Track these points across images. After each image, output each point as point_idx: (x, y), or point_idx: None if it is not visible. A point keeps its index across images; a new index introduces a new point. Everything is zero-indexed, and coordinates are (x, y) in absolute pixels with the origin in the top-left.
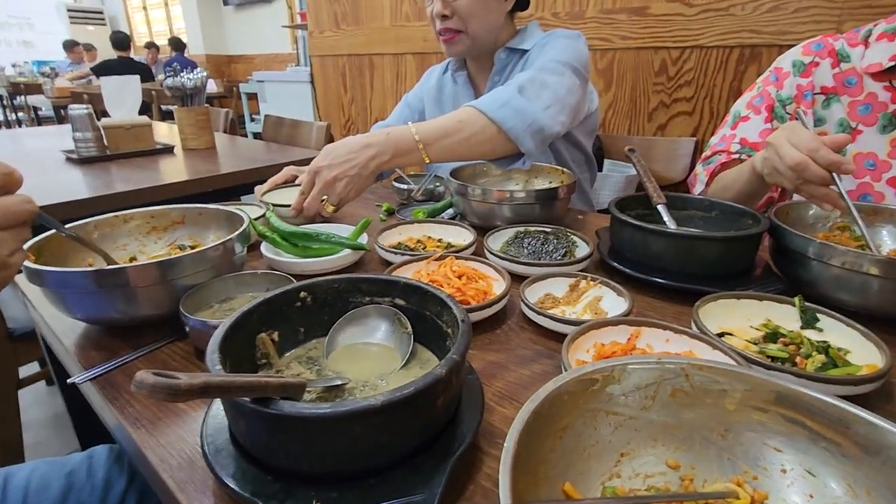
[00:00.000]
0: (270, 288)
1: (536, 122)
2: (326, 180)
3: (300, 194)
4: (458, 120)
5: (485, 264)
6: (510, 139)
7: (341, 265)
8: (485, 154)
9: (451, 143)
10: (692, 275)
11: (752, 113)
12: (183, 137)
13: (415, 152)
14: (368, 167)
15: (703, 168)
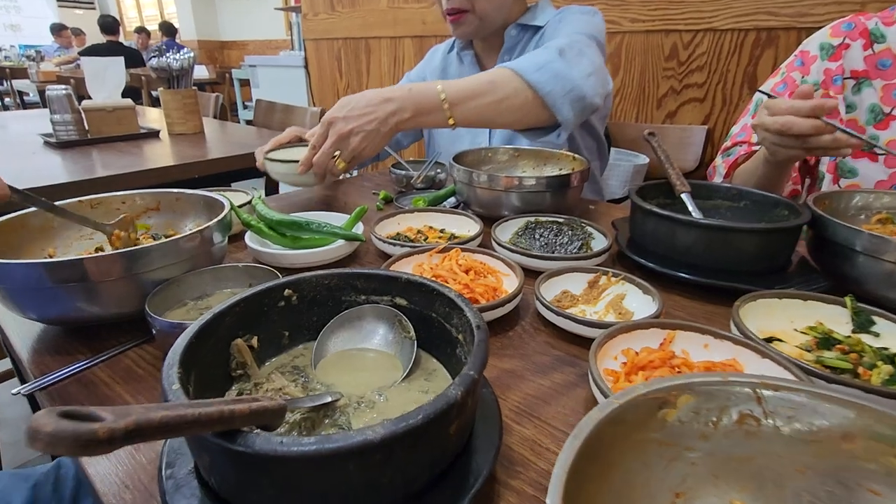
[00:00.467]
0: (253, 283)
1: (577, 88)
2: (341, 133)
3: (311, 148)
4: (490, 80)
5: (493, 257)
6: (546, 106)
7: (334, 258)
8: (516, 121)
9: (479, 106)
10: (724, 271)
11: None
12: (169, 121)
13: (438, 112)
14: (387, 123)
15: (722, 160)
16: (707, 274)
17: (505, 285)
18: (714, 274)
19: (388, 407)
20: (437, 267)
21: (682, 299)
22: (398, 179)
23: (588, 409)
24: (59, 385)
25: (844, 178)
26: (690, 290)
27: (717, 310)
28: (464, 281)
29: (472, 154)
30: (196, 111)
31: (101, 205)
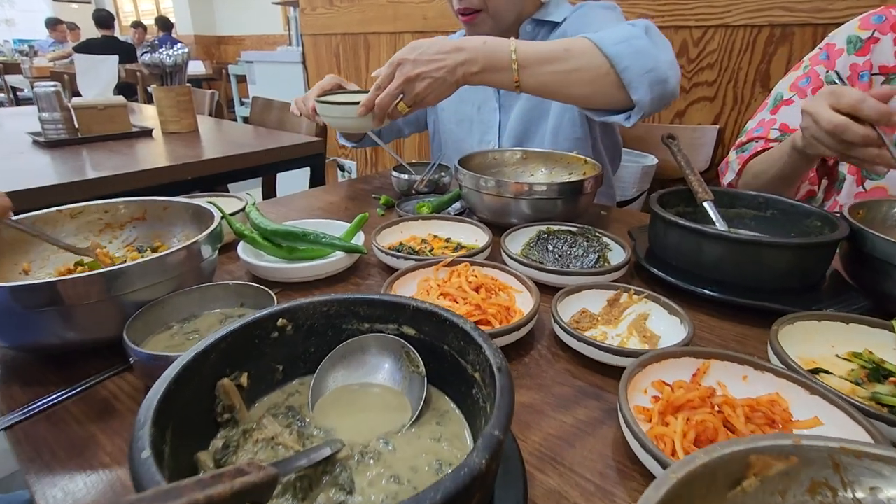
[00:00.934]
0: (245, 303)
1: (660, 69)
2: (409, 76)
3: (375, 88)
4: (566, 48)
5: (504, 272)
6: (621, 83)
7: (333, 271)
8: (584, 96)
9: (549, 72)
10: (753, 288)
11: (797, 96)
12: (162, 119)
13: (506, 72)
14: (455, 73)
15: (736, 156)
16: (736, 291)
17: (518, 303)
18: (743, 292)
19: (395, 459)
20: (445, 284)
21: (709, 319)
22: (400, 183)
23: (618, 452)
24: (26, 423)
25: (870, 180)
26: (717, 308)
27: (748, 331)
28: (475, 301)
29: (479, 157)
30: (190, 109)
31: (82, 214)
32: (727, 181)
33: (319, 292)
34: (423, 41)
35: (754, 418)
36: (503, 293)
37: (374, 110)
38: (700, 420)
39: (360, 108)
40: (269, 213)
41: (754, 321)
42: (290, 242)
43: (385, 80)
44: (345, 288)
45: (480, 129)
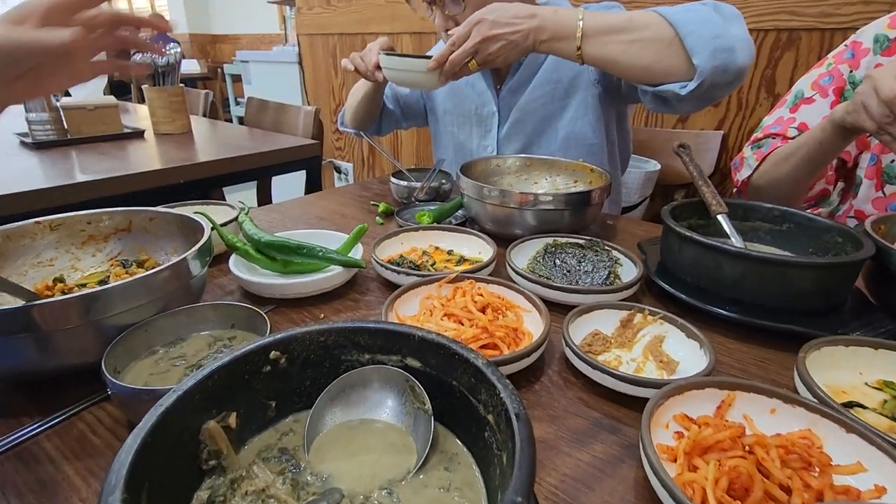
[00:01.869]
0: (236, 324)
1: (727, 38)
2: (486, 35)
3: (449, 44)
4: (630, 18)
5: (511, 289)
6: (685, 51)
7: (330, 286)
8: (644, 66)
9: (612, 42)
10: (773, 309)
11: (818, 94)
12: (155, 120)
13: (570, 41)
14: (528, 39)
15: (752, 152)
16: (756, 312)
17: (526, 323)
18: (764, 312)
19: None
20: (450, 303)
21: (726, 340)
22: (399, 190)
23: (641, 496)
24: None
25: (890, 185)
26: (733, 328)
27: (769, 354)
28: (481, 323)
29: (481, 164)
30: (183, 109)
31: (63, 226)
32: (742, 177)
33: (316, 309)
34: (500, 3)
35: (789, 461)
36: (510, 312)
37: (446, 66)
38: (733, 466)
39: (431, 62)
40: (263, 222)
41: (775, 343)
42: (284, 256)
43: (461, 37)
44: (342, 304)
45: (479, 132)
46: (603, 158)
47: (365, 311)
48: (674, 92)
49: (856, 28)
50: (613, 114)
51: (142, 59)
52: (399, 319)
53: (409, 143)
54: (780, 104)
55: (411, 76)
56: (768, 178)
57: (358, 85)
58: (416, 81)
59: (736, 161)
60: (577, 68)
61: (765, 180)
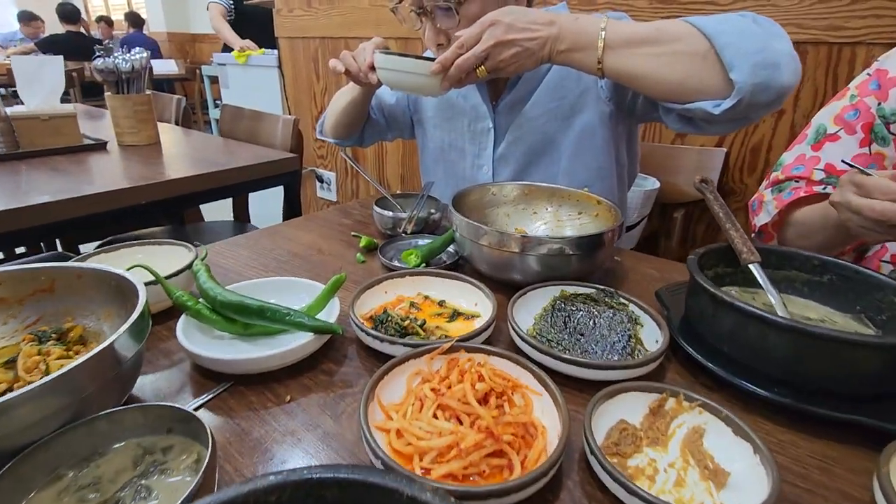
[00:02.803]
0: (172, 430)
1: (769, 52)
2: (501, 39)
3: (457, 46)
4: (657, 28)
5: (516, 364)
6: (721, 66)
7: (298, 357)
8: (676, 82)
9: (639, 55)
10: (831, 392)
11: (844, 131)
12: (118, 131)
13: (590, 51)
14: (545, 48)
15: (772, 196)
16: (811, 396)
17: (536, 410)
18: (820, 396)
19: None
20: (443, 386)
21: (775, 429)
22: (384, 221)
23: None
24: None
25: None
26: (780, 410)
27: (832, 451)
28: (485, 422)
29: (475, 193)
30: (150, 119)
31: None
32: (760, 222)
33: (281, 386)
34: (515, 7)
35: None
36: (517, 394)
37: (451, 70)
38: None
39: (435, 64)
40: (227, 262)
41: (837, 434)
42: (245, 319)
43: (472, 39)
44: (313, 379)
45: (473, 150)
46: (612, 183)
47: (341, 389)
48: (705, 111)
49: (865, 43)
50: (624, 134)
51: (103, 64)
52: (382, 410)
53: (395, 153)
54: (799, 140)
55: (410, 79)
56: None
57: (343, 90)
58: (414, 85)
59: (754, 202)
60: (584, 84)
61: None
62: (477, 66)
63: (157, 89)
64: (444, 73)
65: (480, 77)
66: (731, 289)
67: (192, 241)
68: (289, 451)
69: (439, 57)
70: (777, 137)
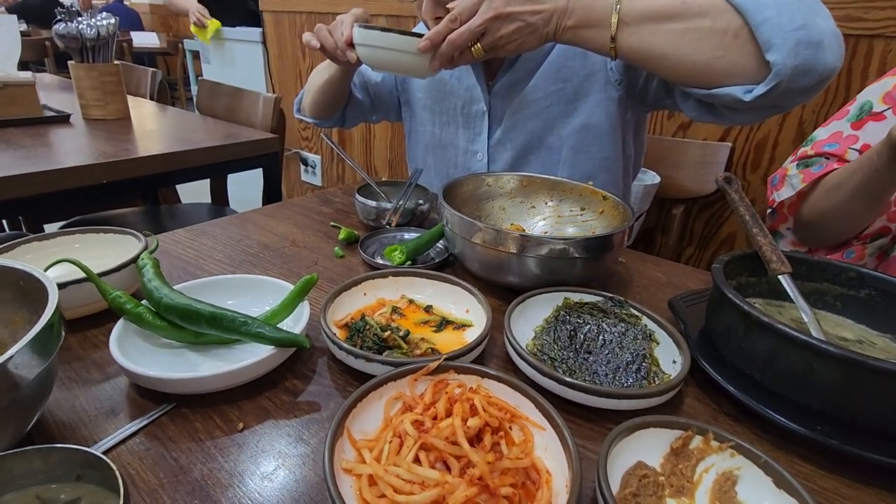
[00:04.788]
0: (84, 476)
1: (812, 28)
2: (500, 12)
3: (450, 20)
4: (682, 1)
5: (516, 389)
6: (756, 44)
7: (256, 375)
8: (702, 63)
9: (659, 32)
10: (880, 432)
11: (892, 111)
12: (83, 103)
13: (602, 28)
14: (550, 23)
15: (797, 171)
16: (861, 436)
17: (538, 448)
18: (871, 437)
19: None
20: (431, 431)
21: (814, 472)
22: (366, 211)
23: None
24: None
25: None
26: (817, 450)
27: (880, 502)
28: (478, 470)
29: (469, 183)
30: (119, 92)
31: None
32: (780, 197)
33: (233, 409)
34: None
35: None
36: (516, 426)
37: (442, 47)
38: None
39: (423, 41)
40: (186, 251)
41: (890, 484)
42: (194, 326)
43: (467, 11)
44: (273, 400)
45: (466, 135)
46: (617, 174)
47: (306, 413)
48: (735, 98)
49: (885, 36)
50: (632, 122)
51: (65, 29)
52: (353, 447)
53: (383, 136)
54: (839, 115)
55: (394, 57)
56: (818, 210)
57: (322, 65)
58: (400, 65)
59: (775, 177)
60: (591, 66)
61: (814, 213)
62: (472, 42)
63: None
64: (433, 50)
65: (476, 56)
66: (755, 300)
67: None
68: (235, 497)
69: (429, 32)
70: (784, 133)
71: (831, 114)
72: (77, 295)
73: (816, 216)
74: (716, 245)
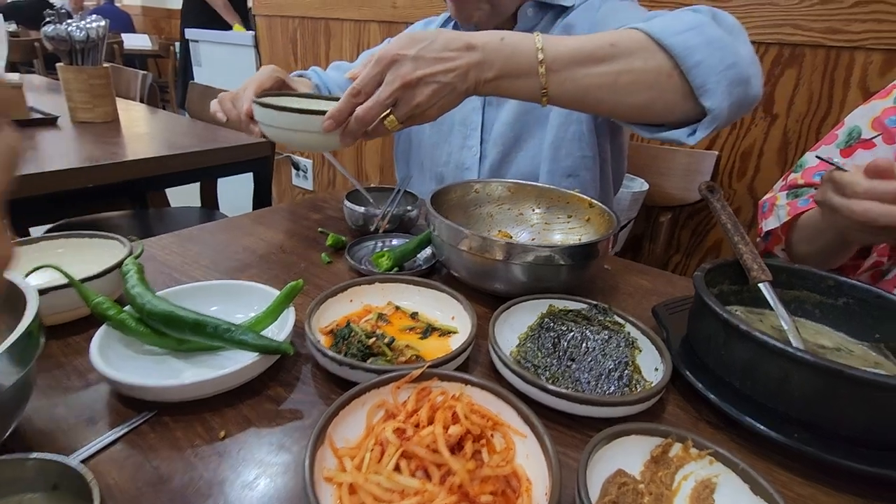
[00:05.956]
0: (59, 485)
1: (742, 66)
2: (408, 79)
3: (351, 94)
4: (611, 42)
5: (498, 396)
6: (689, 87)
7: (241, 382)
8: (639, 106)
9: (591, 77)
10: (857, 440)
11: (882, 138)
12: (72, 106)
13: (530, 78)
14: (467, 79)
15: (786, 200)
16: (839, 445)
17: (520, 456)
18: (849, 445)
19: None
20: (412, 439)
21: (791, 479)
22: (354, 217)
23: None
24: None
25: None
26: (794, 457)
27: None
28: (458, 478)
29: (457, 190)
30: (108, 95)
31: None
32: (768, 227)
33: (215, 416)
34: (422, 32)
35: None
36: (498, 433)
37: (350, 125)
38: None
39: (325, 120)
40: (172, 257)
41: (866, 491)
42: (177, 333)
43: (370, 82)
44: (256, 408)
45: (461, 132)
46: (595, 175)
47: (289, 421)
48: (679, 140)
49: (865, 48)
50: (606, 127)
51: (54, 31)
52: (335, 455)
53: (374, 141)
54: (827, 139)
55: (299, 137)
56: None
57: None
58: (305, 143)
59: (765, 204)
60: None
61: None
62: (383, 115)
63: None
64: (338, 128)
65: (392, 129)
66: (736, 308)
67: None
68: None
69: (331, 110)
70: (769, 142)
71: (815, 122)
72: (59, 301)
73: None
74: (702, 253)
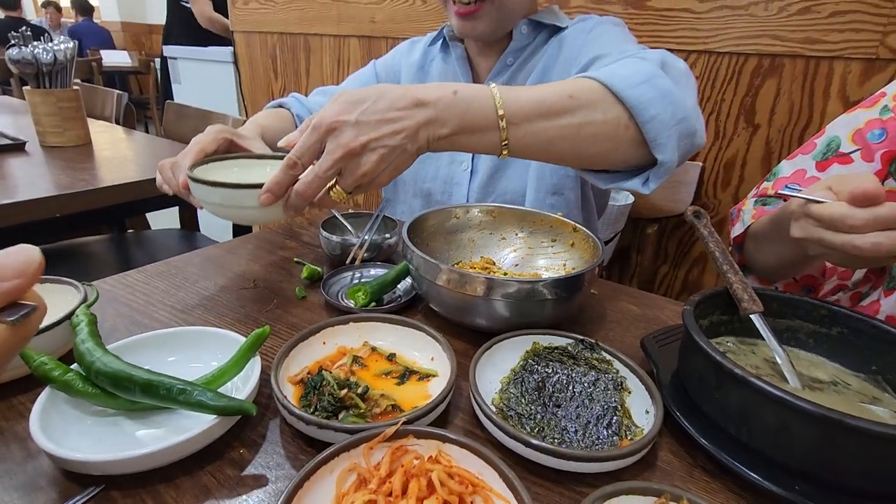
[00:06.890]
0: None
1: (689, 119)
2: (350, 148)
3: (289, 165)
4: (569, 94)
5: (481, 457)
6: (642, 138)
7: (195, 449)
8: (598, 155)
9: (551, 129)
10: (860, 492)
11: (860, 154)
12: (40, 130)
13: (489, 132)
14: (418, 139)
15: (753, 207)
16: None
17: None
18: (846, 498)
19: None
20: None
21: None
22: (331, 246)
23: None
24: None
25: None
26: None
27: None
28: None
29: (437, 216)
30: (78, 118)
31: None
32: (735, 233)
33: (169, 489)
34: (362, 91)
35: None
36: (479, 497)
37: (291, 199)
38: None
39: (263, 193)
40: (136, 296)
41: None
42: (128, 395)
43: (307, 152)
44: (216, 476)
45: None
46: (578, 193)
47: (251, 489)
48: (635, 190)
49: (843, 58)
50: None
51: (19, 54)
52: None
53: None
54: (805, 147)
55: (237, 212)
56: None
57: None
58: (245, 217)
59: (734, 211)
60: None
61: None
62: (327, 187)
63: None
64: (278, 200)
65: (339, 200)
66: (727, 339)
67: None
68: None
69: (268, 182)
70: (751, 152)
71: (796, 132)
72: None
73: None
74: (689, 263)
